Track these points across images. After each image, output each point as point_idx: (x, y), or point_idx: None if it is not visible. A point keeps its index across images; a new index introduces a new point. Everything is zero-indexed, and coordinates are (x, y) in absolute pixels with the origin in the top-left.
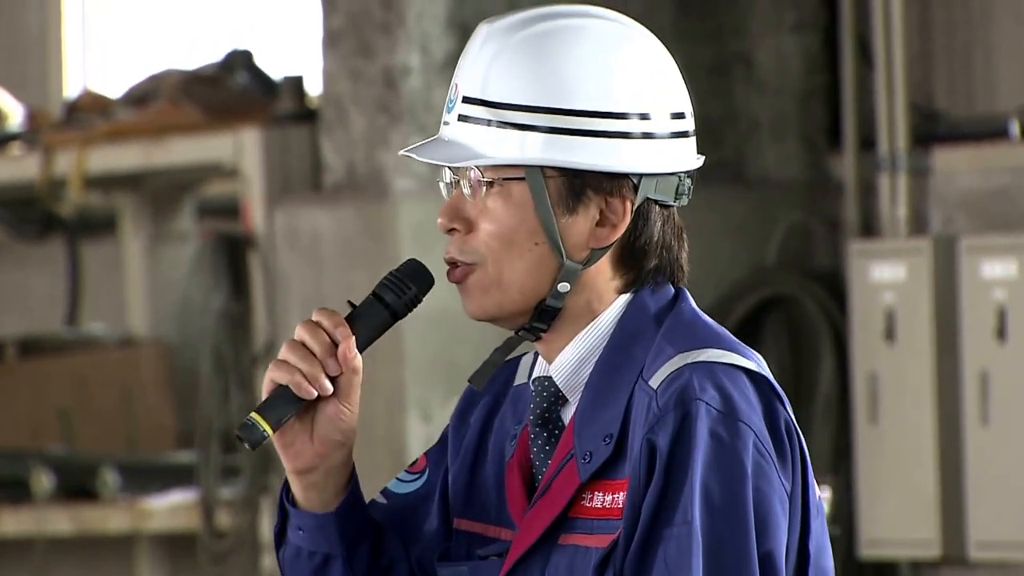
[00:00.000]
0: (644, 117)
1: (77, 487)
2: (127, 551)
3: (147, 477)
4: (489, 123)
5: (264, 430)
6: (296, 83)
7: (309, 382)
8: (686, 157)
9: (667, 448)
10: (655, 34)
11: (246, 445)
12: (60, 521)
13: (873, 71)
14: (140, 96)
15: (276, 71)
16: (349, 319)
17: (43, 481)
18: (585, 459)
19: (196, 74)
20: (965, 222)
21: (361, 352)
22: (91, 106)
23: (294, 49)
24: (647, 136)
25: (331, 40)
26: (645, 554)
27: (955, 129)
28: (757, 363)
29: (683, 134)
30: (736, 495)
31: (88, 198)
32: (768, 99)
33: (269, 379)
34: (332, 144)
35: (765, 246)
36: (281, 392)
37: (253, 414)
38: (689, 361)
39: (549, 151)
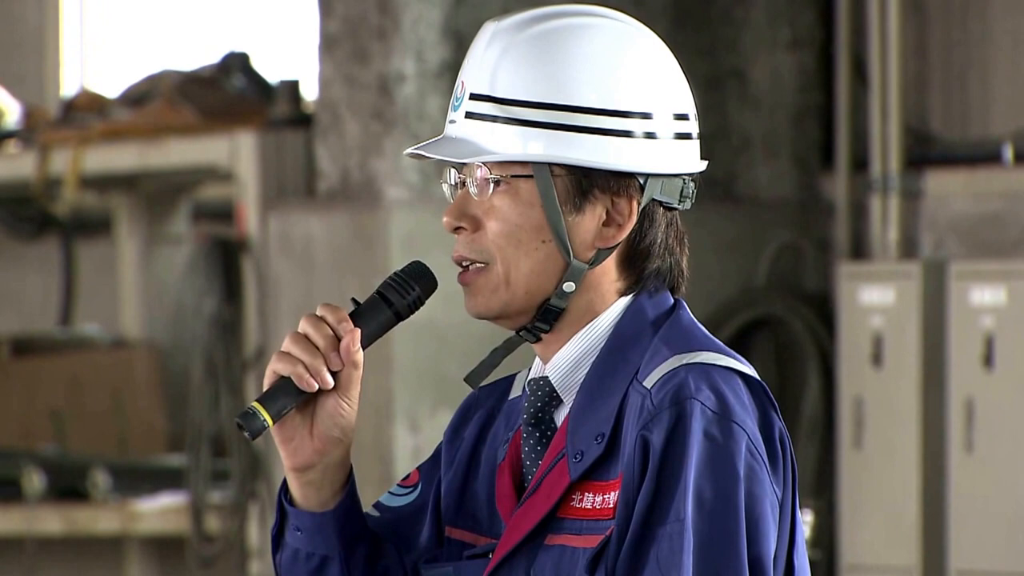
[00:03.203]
0: (648, 116)
1: (68, 488)
2: (116, 552)
3: (137, 479)
4: (496, 119)
5: (264, 419)
6: (292, 87)
7: (311, 374)
8: (690, 159)
9: (661, 446)
10: None
11: (246, 434)
12: (50, 521)
13: (868, 91)
14: (137, 96)
15: (273, 75)
16: (353, 316)
17: (34, 481)
18: (576, 458)
19: (193, 75)
20: (956, 246)
21: (364, 349)
22: (88, 105)
23: (291, 53)
24: (651, 136)
25: (327, 45)
26: (638, 553)
27: (949, 152)
28: (751, 369)
29: (686, 136)
30: (728, 496)
31: (83, 198)
32: (761, 116)
33: (271, 370)
34: (326, 150)
35: (754, 266)
36: (283, 383)
37: (255, 403)
38: (685, 362)
39: (556, 148)
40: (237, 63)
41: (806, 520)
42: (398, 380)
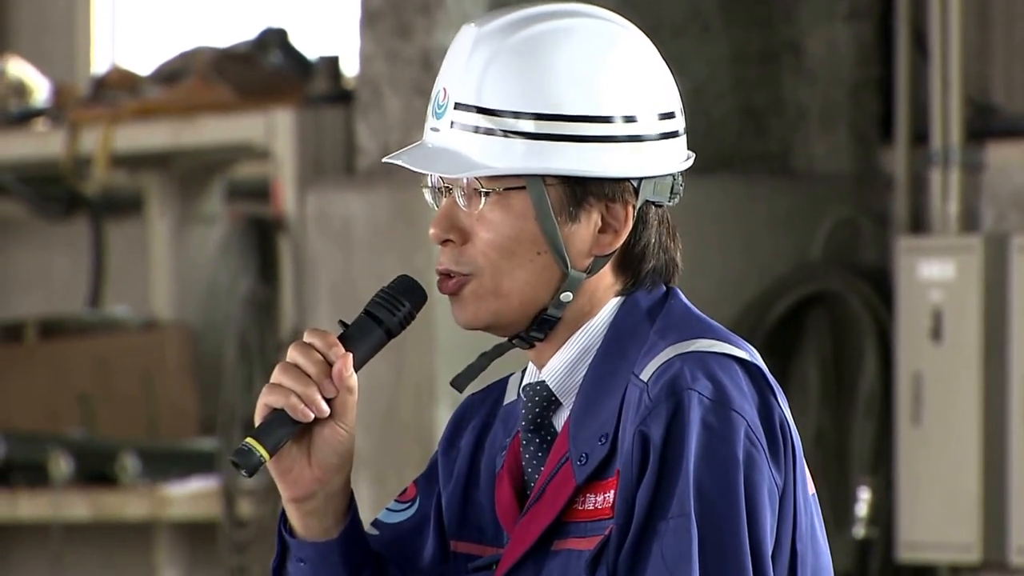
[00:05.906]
0: (634, 120)
1: (96, 472)
2: (145, 538)
3: (168, 463)
4: (484, 130)
5: (261, 455)
6: (332, 63)
7: (306, 404)
8: (679, 157)
9: (660, 440)
10: (701, 20)
11: (242, 472)
12: (78, 506)
13: (928, 63)
14: (170, 74)
15: (311, 51)
16: (342, 339)
17: (61, 465)
18: (581, 461)
19: (228, 52)
20: (1018, 220)
21: (356, 372)
22: (119, 83)
23: (330, 29)
24: (640, 139)
25: (369, 20)
26: (640, 548)
27: (1011, 124)
28: (750, 354)
29: (673, 134)
30: (728, 485)
31: (114, 177)
32: (817, 89)
33: (263, 403)
34: (367, 127)
35: (810, 241)
36: (276, 416)
37: (248, 439)
38: (680, 352)
39: (548, 159)
40: (274, 39)
41: (863, 498)
42: (441, 359)
